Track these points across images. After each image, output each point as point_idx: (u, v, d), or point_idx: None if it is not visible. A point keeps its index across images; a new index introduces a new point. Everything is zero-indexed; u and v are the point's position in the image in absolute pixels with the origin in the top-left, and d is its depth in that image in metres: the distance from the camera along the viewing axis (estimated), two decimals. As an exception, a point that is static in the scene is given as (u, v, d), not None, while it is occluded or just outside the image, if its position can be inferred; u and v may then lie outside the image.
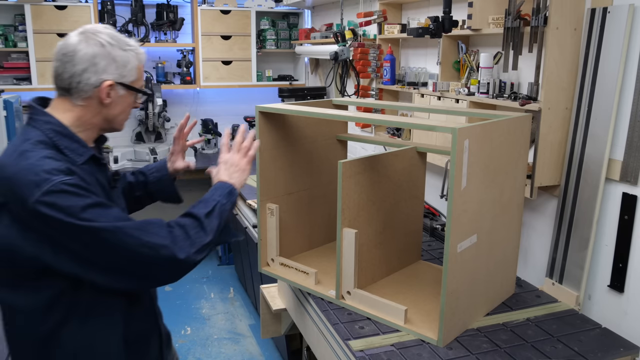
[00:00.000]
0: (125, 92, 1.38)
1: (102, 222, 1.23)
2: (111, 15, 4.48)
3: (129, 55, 1.37)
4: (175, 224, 1.35)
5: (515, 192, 1.82)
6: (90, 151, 1.36)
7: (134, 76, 1.39)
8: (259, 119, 1.97)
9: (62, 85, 1.33)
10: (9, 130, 2.80)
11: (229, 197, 1.47)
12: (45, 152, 1.26)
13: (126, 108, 1.42)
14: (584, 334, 1.70)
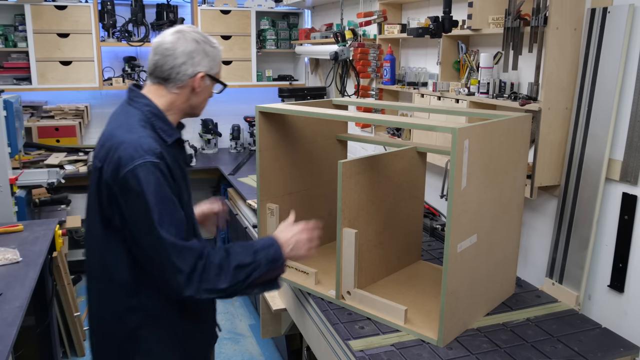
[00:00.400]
0: (210, 83, 1.60)
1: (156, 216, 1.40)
2: (111, 15, 4.48)
3: (216, 51, 1.59)
4: (206, 257, 1.46)
5: (515, 192, 1.82)
6: (177, 134, 1.58)
7: (218, 69, 1.61)
8: (259, 119, 1.97)
9: (161, 76, 1.54)
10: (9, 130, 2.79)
11: (271, 265, 1.55)
12: (147, 132, 1.49)
13: (207, 97, 1.63)
14: (584, 334, 1.70)
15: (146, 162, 1.41)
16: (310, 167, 2.21)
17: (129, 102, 1.57)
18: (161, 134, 1.52)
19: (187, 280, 1.42)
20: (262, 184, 2.04)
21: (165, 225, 1.41)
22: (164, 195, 1.43)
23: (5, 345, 1.69)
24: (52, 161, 4.09)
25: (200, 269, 1.44)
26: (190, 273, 1.42)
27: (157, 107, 1.55)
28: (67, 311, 3.18)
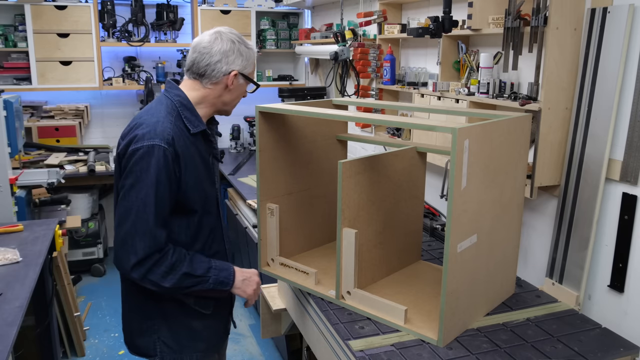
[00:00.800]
0: (243, 82, 1.71)
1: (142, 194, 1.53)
2: (111, 15, 4.48)
3: (250, 52, 1.71)
4: (164, 253, 1.57)
5: (515, 192, 1.82)
6: (203, 126, 1.68)
7: (251, 68, 1.72)
8: (259, 119, 1.97)
9: (197, 72, 1.67)
10: (9, 130, 2.79)
11: (218, 286, 1.68)
12: (170, 117, 1.61)
13: (239, 95, 1.74)
14: (584, 334, 1.70)
15: (154, 144, 1.54)
16: (310, 167, 2.21)
17: (165, 92, 1.71)
18: (187, 123, 1.64)
19: (137, 264, 1.54)
20: (262, 184, 2.04)
21: (148, 206, 1.53)
22: (159, 178, 1.54)
23: (5, 345, 1.69)
24: (52, 161, 4.09)
25: (154, 260, 1.55)
26: (143, 260, 1.54)
27: (187, 99, 1.67)
28: (67, 311, 3.18)
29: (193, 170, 1.64)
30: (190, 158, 1.63)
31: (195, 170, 1.65)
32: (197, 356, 1.78)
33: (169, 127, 1.58)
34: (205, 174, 1.71)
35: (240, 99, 1.76)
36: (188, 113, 1.66)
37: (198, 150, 1.67)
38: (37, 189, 3.54)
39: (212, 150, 1.75)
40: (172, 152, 1.56)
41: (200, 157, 1.68)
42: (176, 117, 1.63)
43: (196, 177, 1.65)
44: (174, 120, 1.62)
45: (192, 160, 1.63)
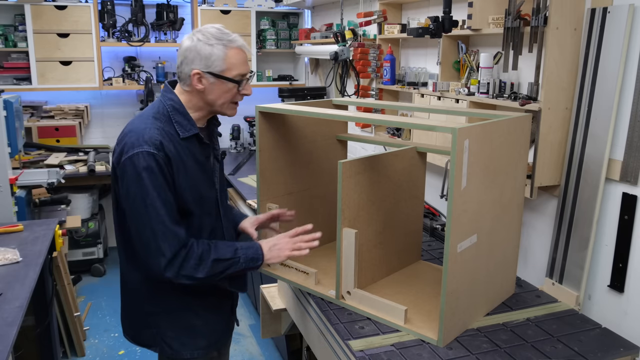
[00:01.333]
0: (215, 80, 1.62)
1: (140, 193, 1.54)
2: (111, 15, 4.48)
3: (214, 49, 1.60)
4: (190, 247, 1.60)
5: (515, 192, 1.82)
6: (195, 130, 1.66)
7: (222, 66, 1.61)
8: (258, 119, 1.97)
9: (177, 75, 1.67)
10: (9, 130, 2.79)
11: (250, 264, 1.69)
12: (158, 123, 1.60)
13: (223, 94, 1.65)
14: (584, 334, 1.70)
15: (143, 151, 1.54)
16: (310, 167, 2.21)
17: (160, 96, 1.71)
18: (177, 127, 1.63)
19: (168, 264, 1.56)
20: (262, 184, 2.04)
21: (157, 209, 1.55)
22: (156, 182, 1.55)
23: (5, 345, 1.69)
24: (52, 161, 4.09)
25: (182, 256, 1.57)
26: (172, 258, 1.56)
27: (180, 103, 1.66)
28: (67, 311, 3.18)
29: (186, 174, 1.63)
30: (182, 162, 1.62)
31: (189, 174, 1.64)
32: (198, 353, 1.78)
33: (155, 132, 1.58)
34: (202, 176, 1.70)
35: (230, 97, 1.67)
36: (180, 117, 1.65)
37: (191, 153, 1.66)
38: (37, 189, 3.54)
39: (209, 152, 1.74)
40: (162, 156, 1.56)
41: (194, 160, 1.67)
42: (166, 122, 1.63)
43: (190, 180, 1.64)
44: (163, 125, 1.61)
45: (184, 164, 1.62)
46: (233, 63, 1.63)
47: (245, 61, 1.66)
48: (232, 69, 1.63)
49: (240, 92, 1.68)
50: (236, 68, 1.63)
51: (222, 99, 1.66)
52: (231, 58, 1.62)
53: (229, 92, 1.66)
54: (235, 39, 1.64)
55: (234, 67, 1.63)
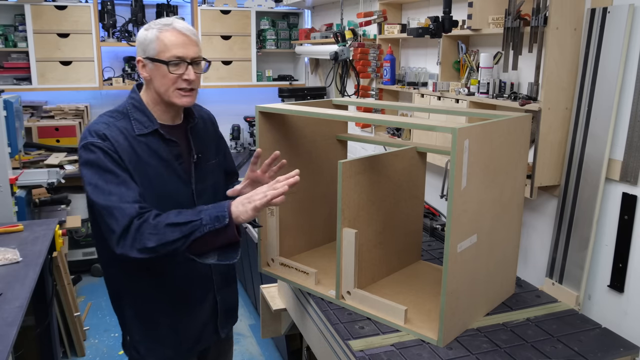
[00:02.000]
0: (153, 65, 1.59)
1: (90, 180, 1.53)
2: (111, 15, 4.48)
3: (148, 33, 1.59)
4: (145, 219, 1.50)
5: (515, 192, 1.82)
6: (155, 126, 1.62)
7: (155, 49, 1.57)
8: (259, 119, 1.97)
9: None
10: (9, 130, 2.79)
11: (215, 223, 1.48)
12: (109, 119, 1.61)
13: (163, 80, 1.59)
14: (584, 334, 1.70)
15: (88, 142, 1.55)
16: (310, 167, 2.21)
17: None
18: (134, 124, 1.61)
19: (119, 240, 1.50)
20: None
21: (103, 193, 1.52)
22: (104, 167, 1.53)
23: (5, 345, 1.69)
24: (52, 161, 4.09)
25: (135, 228, 1.49)
26: (122, 233, 1.49)
27: (140, 101, 1.65)
28: (67, 311, 3.18)
29: (141, 171, 1.58)
30: (138, 158, 1.58)
31: (147, 172, 1.59)
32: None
33: (102, 126, 1.57)
34: (168, 175, 1.64)
35: (170, 82, 1.59)
36: (138, 114, 1.63)
37: (152, 150, 1.61)
38: (37, 189, 3.54)
39: (179, 150, 1.67)
40: (109, 146, 1.54)
41: (157, 158, 1.62)
42: (122, 119, 1.62)
43: (147, 179, 1.59)
44: (116, 121, 1.60)
45: (140, 161, 1.58)
46: (166, 44, 1.57)
47: (185, 44, 1.58)
48: (165, 50, 1.57)
49: (183, 77, 1.59)
50: (169, 50, 1.56)
51: (164, 85, 1.60)
52: (164, 39, 1.57)
53: (166, 76, 1.59)
54: (172, 22, 1.60)
55: (167, 48, 1.57)
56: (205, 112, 1.89)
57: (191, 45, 1.60)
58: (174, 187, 1.66)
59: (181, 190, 1.68)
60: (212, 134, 1.86)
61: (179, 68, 1.58)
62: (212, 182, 1.78)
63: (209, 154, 1.78)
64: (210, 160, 1.79)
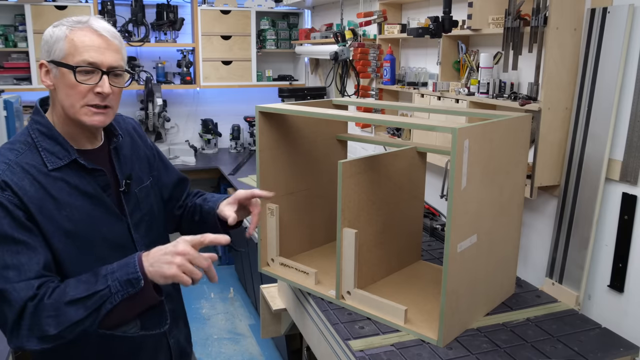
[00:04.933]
0: (58, 71, 1.24)
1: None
2: (111, 15, 4.48)
3: (56, 30, 1.25)
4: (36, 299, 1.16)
5: (515, 192, 1.82)
6: (72, 156, 1.28)
7: (63, 50, 1.23)
8: (259, 119, 1.97)
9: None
10: (9, 130, 2.80)
11: (128, 289, 1.17)
12: (10, 155, 1.25)
13: (69, 91, 1.24)
14: (584, 334, 1.70)
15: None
16: (310, 167, 2.21)
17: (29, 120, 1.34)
18: (44, 156, 1.26)
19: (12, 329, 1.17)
20: (262, 184, 2.04)
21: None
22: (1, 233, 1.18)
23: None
24: (52, 161, 4.08)
25: (29, 313, 1.15)
26: (17, 320, 1.16)
27: (48, 125, 1.29)
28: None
29: (64, 220, 1.26)
30: (55, 205, 1.24)
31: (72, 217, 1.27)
32: None
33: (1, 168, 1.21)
34: (99, 213, 1.32)
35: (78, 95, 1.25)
36: (48, 143, 1.27)
37: (72, 187, 1.28)
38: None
39: (107, 179, 1.35)
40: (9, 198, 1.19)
41: (80, 196, 1.29)
42: (27, 152, 1.26)
43: (76, 225, 1.27)
44: (19, 157, 1.25)
45: (56, 205, 1.25)
46: (76, 46, 1.23)
47: (101, 48, 1.25)
48: (75, 53, 1.23)
49: (95, 90, 1.24)
50: (80, 53, 1.23)
51: (69, 97, 1.24)
52: (75, 40, 1.23)
53: (73, 87, 1.23)
54: (89, 19, 1.27)
55: (77, 51, 1.23)
56: (129, 123, 1.54)
57: (109, 50, 1.26)
58: (107, 227, 1.33)
59: (116, 229, 1.36)
60: (141, 148, 1.52)
61: (91, 77, 1.25)
62: (147, 209, 1.47)
63: (141, 175, 1.47)
64: (143, 183, 1.47)
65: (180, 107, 5.12)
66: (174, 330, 1.54)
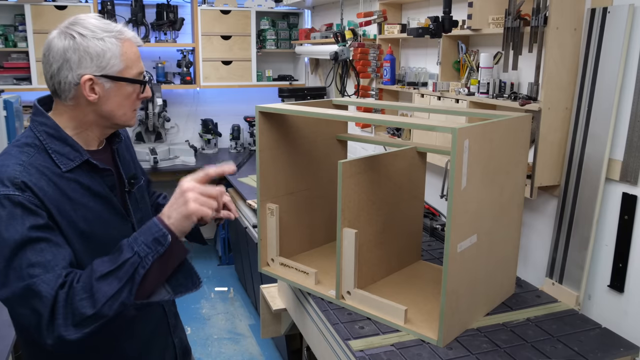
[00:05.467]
0: (113, 85, 1.27)
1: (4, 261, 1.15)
2: (111, 15, 4.48)
3: (105, 44, 1.25)
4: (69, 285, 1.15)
5: (515, 192, 1.82)
6: (84, 156, 1.28)
7: (120, 65, 1.26)
8: (259, 119, 1.97)
9: (50, 88, 1.29)
10: (9, 130, 2.80)
11: (158, 248, 1.17)
12: (22, 157, 1.22)
13: (124, 101, 1.29)
14: (584, 334, 1.70)
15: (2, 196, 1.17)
16: (310, 167, 2.21)
17: (30, 123, 1.32)
18: (56, 158, 1.25)
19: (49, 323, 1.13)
20: (262, 184, 2.04)
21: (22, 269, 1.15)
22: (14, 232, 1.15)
23: (5, 345, 1.69)
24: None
25: (62, 301, 1.13)
26: (51, 313, 1.13)
27: (56, 127, 1.27)
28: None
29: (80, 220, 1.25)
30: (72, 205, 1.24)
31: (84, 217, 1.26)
32: None
33: (17, 170, 1.20)
34: (109, 214, 1.32)
35: (131, 104, 1.32)
36: (58, 145, 1.26)
37: (85, 188, 1.28)
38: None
39: (114, 179, 1.36)
40: (30, 197, 1.18)
41: (92, 197, 1.29)
42: (37, 154, 1.24)
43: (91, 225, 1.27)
44: (31, 159, 1.23)
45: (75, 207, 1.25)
46: (131, 59, 1.28)
47: (139, 59, 1.33)
48: (132, 66, 1.29)
49: (140, 96, 1.33)
50: (135, 65, 1.30)
51: (124, 107, 1.30)
52: (128, 53, 1.28)
53: (129, 97, 1.30)
54: (122, 29, 1.31)
55: (134, 64, 1.29)
56: None
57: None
58: (116, 228, 1.33)
59: (123, 229, 1.35)
60: (130, 148, 1.55)
61: (141, 86, 1.33)
62: (145, 208, 1.49)
63: (137, 174, 1.48)
64: (139, 183, 1.48)
65: (180, 107, 5.12)
66: (177, 329, 1.60)
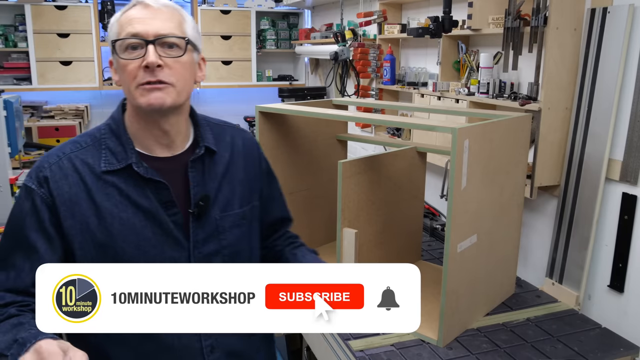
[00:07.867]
0: (115, 57, 1.11)
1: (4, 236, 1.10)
2: (111, 15, 4.47)
3: (114, 17, 1.13)
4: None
5: (515, 192, 1.82)
6: (128, 160, 1.12)
7: (115, 33, 1.10)
8: (259, 119, 1.97)
9: None
10: (9, 130, 2.79)
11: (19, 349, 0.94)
12: (67, 149, 1.14)
13: (122, 76, 1.10)
14: (584, 334, 1.70)
15: (24, 184, 1.12)
16: (310, 167, 2.21)
17: None
18: (103, 155, 1.13)
19: None
20: (262, 184, 2.03)
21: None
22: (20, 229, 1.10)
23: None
24: (52, 161, 4.09)
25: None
26: None
27: (119, 120, 1.16)
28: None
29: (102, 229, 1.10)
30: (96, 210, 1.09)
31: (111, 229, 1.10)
32: None
33: (52, 160, 1.11)
34: (150, 231, 1.12)
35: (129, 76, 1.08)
36: (113, 141, 1.14)
37: (124, 196, 1.11)
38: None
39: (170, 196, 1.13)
40: (45, 195, 1.09)
41: (130, 207, 1.11)
42: (89, 147, 1.14)
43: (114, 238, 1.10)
44: (78, 150, 1.13)
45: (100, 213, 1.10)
46: (125, 21, 1.09)
47: (145, 19, 1.08)
48: (125, 27, 1.08)
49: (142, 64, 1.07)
50: (129, 26, 1.08)
51: (125, 84, 1.11)
52: (127, 15, 1.10)
53: (124, 69, 1.09)
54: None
55: (122, 28, 1.09)
56: (241, 136, 1.30)
57: (156, 19, 1.09)
58: (157, 251, 1.13)
59: (168, 255, 1.14)
60: (247, 168, 1.28)
61: (134, 51, 1.08)
62: (231, 241, 1.21)
63: (231, 200, 1.22)
64: (232, 210, 1.22)
65: (180, 107, 5.11)
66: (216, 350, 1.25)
